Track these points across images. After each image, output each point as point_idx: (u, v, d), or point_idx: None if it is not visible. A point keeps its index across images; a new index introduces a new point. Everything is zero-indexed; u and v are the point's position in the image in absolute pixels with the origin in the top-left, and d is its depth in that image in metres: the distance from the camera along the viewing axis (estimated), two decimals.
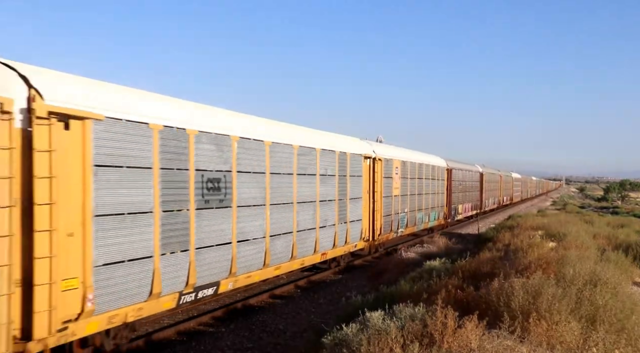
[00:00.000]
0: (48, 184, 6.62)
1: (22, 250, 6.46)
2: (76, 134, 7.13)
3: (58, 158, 6.74)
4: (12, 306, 6.30)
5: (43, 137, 6.62)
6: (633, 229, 22.26)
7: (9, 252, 6.27)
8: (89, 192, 7.30)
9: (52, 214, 6.65)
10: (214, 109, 11.03)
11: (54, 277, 6.65)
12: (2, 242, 6.17)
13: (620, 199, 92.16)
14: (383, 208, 19.38)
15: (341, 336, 6.29)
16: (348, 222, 16.42)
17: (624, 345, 5.92)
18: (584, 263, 9.19)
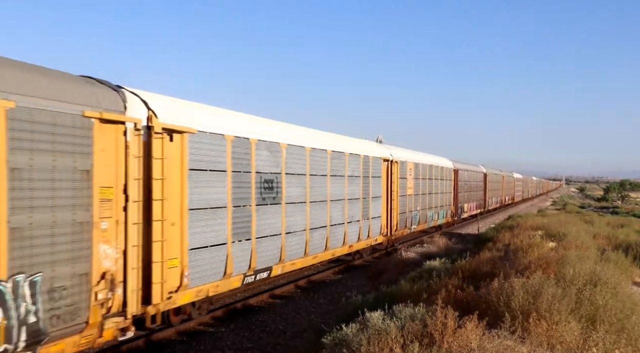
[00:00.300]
0: (161, 184, 8.60)
1: (143, 235, 8.42)
2: (177, 144, 9.11)
3: (167, 164, 8.75)
4: (138, 278, 8.24)
5: (158, 148, 8.60)
6: (633, 229, 22.25)
7: (139, 235, 8.30)
8: (185, 190, 9.32)
9: (163, 208, 8.65)
10: (268, 120, 13.08)
11: (164, 257, 8.64)
12: (134, 228, 8.10)
13: (620, 199, 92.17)
14: (399, 206, 21.23)
15: (341, 336, 6.29)
16: (370, 218, 18.32)
17: (624, 345, 5.92)
18: (584, 263, 9.19)
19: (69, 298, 7.08)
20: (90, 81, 7.95)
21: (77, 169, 7.19)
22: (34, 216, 6.60)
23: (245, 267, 11.15)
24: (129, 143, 7.99)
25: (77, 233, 7.21)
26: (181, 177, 9.23)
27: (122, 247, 7.90)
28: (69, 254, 7.08)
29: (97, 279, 7.49)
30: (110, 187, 7.72)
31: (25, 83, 6.58)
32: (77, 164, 7.17)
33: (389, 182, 20.29)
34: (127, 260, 7.93)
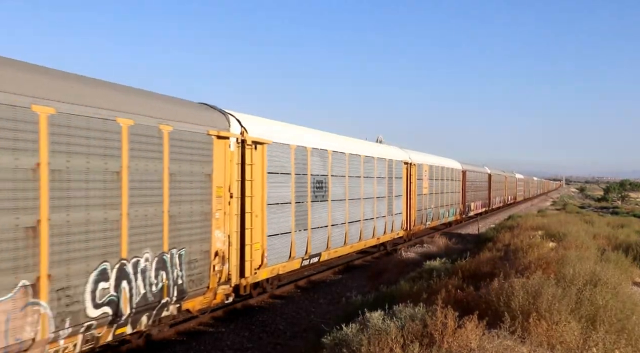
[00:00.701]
0: (250, 184, 11.20)
1: (238, 223, 10.97)
2: (259, 153, 11.62)
3: (254, 168, 11.31)
4: (237, 257, 10.87)
5: (248, 156, 11.16)
6: (633, 229, 22.24)
7: (237, 224, 10.88)
8: (265, 189, 11.83)
9: (252, 203, 11.25)
10: (318, 131, 15.78)
11: (252, 241, 11.29)
12: (235, 218, 10.71)
13: (620, 199, 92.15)
14: (416, 204, 23.73)
15: (341, 336, 6.29)
16: (393, 214, 20.89)
17: (624, 345, 5.92)
18: (584, 263, 9.19)
19: (199, 269, 9.54)
20: (208, 107, 10.61)
21: (204, 173, 9.72)
22: (181, 207, 9.10)
23: (303, 252, 13.75)
24: (232, 153, 10.60)
25: (203, 221, 9.68)
26: (262, 178, 11.75)
27: (228, 232, 10.41)
28: (199, 236, 9.54)
29: (214, 256, 9.96)
30: (221, 186, 10.20)
31: (180, 112, 9.31)
32: (204, 169, 9.73)
33: (408, 183, 22.70)
34: (230, 242, 10.51)
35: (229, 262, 10.42)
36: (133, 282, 8.00)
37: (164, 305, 8.74)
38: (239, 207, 10.92)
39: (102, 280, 7.42)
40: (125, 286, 7.85)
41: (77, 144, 7.07)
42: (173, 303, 8.95)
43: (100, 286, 7.41)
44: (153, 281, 8.41)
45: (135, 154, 8.05)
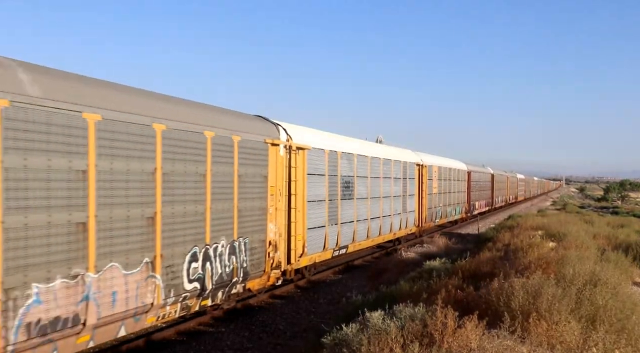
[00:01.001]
0: (294, 184, 13.02)
1: (285, 217, 12.79)
2: (301, 157, 13.50)
3: (297, 170, 13.18)
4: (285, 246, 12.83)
5: (293, 160, 13.01)
6: (633, 229, 22.23)
7: (285, 218, 12.76)
8: (305, 188, 13.72)
9: (295, 200, 13.10)
10: (345, 137, 17.77)
11: (296, 233, 13.18)
12: (282, 213, 12.59)
13: (620, 199, 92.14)
14: (427, 203, 25.60)
15: (341, 336, 6.29)
16: (407, 212, 22.89)
17: (624, 345, 5.92)
18: (583, 263, 9.18)
19: (257, 255, 11.48)
20: (262, 119, 12.61)
21: (262, 175, 11.69)
22: (246, 203, 11.05)
23: (334, 244, 15.66)
24: (281, 157, 12.49)
25: (261, 215, 11.59)
26: (303, 179, 13.60)
27: (278, 225, 12.34)
28: (258, 228, 11.47)
29: (268, 244, 11.88)
30: (273, 186, 12.13)
31: (245, 125, 11.24)
32: (262, 171, 11.70)
33: (420, 183, 24.66)
34: (280, 233, 12.43)
35: (279, 250, 12.45)
36: (213, 263, 9.91)
37: (234, 283, 10.75)
38: (286, 204, 12.83)
39: (193, 261, 9.32)
40: (209, 266, 9.77)
41: (179, 152, 9.04)
42: (240, 283, 11.03)
43: (192, 265, 9.30)
44: (227, 263, 10.36)
45: (216, 159, 9.99)
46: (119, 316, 7.75)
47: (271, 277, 12.16)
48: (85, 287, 7.14)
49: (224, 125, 10.34)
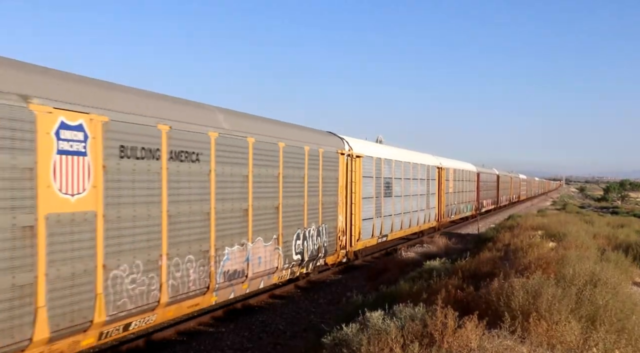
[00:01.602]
0: (354, 185, 16.65)
1: (346, 211, 16.36)
2: (357, 163, 16.99)
3: (355, 174, 16.73)
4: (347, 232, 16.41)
5: (352, 165, 16.53)
6: (633, 229, 22.21)
7: (347, 210, 16.39)
8: (360, 187, 17.24)
9: (355, 197, 16.70)
10: (386, 146, 22.26)
11: (355, 222, 16.85)
12: (345, 206, 16.14)
13: (620, 199, 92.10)
14: (445, 201, 29.47)
15: (341, 336, 6.28)
16: (430, 208, 26.79)
17: (624, 345, 5.91)
18: (583, 263, 9.17)
19: (332, 238, 15.26)
20: (333, 134, 16.31)
21: (335, 177, 15.48)
22: (326, 198, 14.71)
23: (378, 233, 19.56)
24: (346, 163, 16.22)
25: (334, 208, 15.50)
26: (359, 180, 17.25)
27: (344, 216, 16.14)
28: (332, 217, 15.37)
29: (338, 230, 15.75)
30: (342, 186, 15.90)
31: (325, 140, 15.12)
32: (335, 174, 15.47)
33: (439, 183, 28.47)
34: (345, 222, 16.26)
35: (345, 236, 16.28)
36: (308, 242, 13.75)
37: (319, 257, 14.73)
38: (349, 199, 16.61)
39: (298, 239, 13.23)
40: (306, 244, 13.65)
41: (291, 162, 12.94)
42: (322, 258, 14.95)
43: (297, 242, 13.19)
44: (315, 242, 14.22)
45: (310, 166, 13.88)
46: (261, 273, 11.66)
47: (340, 255, 16.24)
48: (247, 252, 10.97)
49: (314, 141, 14.37)
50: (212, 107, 10.66)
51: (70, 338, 7.01)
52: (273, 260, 12.00)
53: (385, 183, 20.06)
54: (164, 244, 8.60)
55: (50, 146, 6.74)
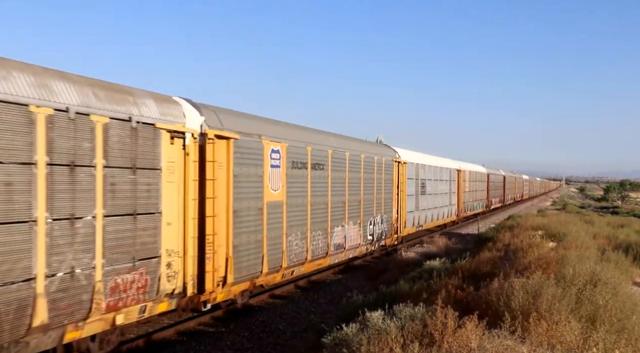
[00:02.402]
0: (402, 185, 21.59)
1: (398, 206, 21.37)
2: (403, 168, 21.81)
3: (402, 177, 21.62)
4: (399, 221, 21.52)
5: (401, 170, 21.65)
6: (633, 229, 22.22)
7: (398, 204, 21.32)
8: (406, 187, 21.99)
9: (403, 194, 21.65)
10: (422, 154, 26.46)
11: (404, 214, 22.00)
12: (398, 201, 21.55)
13: (620, 199, 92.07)
14: (463, 198, 34.30)
15: (341, 336, 6.29)
16: (451, 205, 31.67)
17: (624, 345, 5.91)
18: (584, 263, 9.18)
19: (389, 225, 20.12)
20: (388, 146, 21.45)
21: (391, 179, 20.34)
22: (385, 195, 19.60)
23: (417, 223, 24.20)
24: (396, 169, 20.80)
25: (391, 202, 20.17)
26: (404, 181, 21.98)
27: (397, 208, 20.65)
28: (389, 209, 20.06)
29: (393, 219, 20.43)
30: (396, 185, 20.80)
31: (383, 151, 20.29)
32: (391, 177, 20.28)
33: (458, 184, 33.15)
34: (398, 213, 20.70)
35: (397, 224, 20.99)
36: (376, 227, 18.71)
37: (381, 239, 19.51)
38: (398, 196, 21.25)
39: (370, 225, 18.07)
40: (375, 228, 18.58)
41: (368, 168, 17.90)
42: (383, 240, 19.63)
43: (370, 227, 17.98)
44: (380, 228, 19.16)
45: (377, 171, 18.72)
46: (351, 247, 16.66)
47: (394, 238, 20.89)
48: (345, 232, 16.00)
49: (380, 152, 19.77)
50: (328, 133, 16.32)
51: (273, 275, 12.30)
52: (357, 239, 17.20)
53: (421, 184, 24.94)
54: (309, 223, 13.82)
55: (267, 162, 11.84)
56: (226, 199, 10.37)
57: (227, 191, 10.40)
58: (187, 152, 9.38)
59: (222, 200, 10.25)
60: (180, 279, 9.15)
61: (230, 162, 10.51)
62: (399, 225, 21.32)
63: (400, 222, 21.50)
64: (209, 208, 9.78)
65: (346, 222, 16.05)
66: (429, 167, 26.29)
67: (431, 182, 26.59)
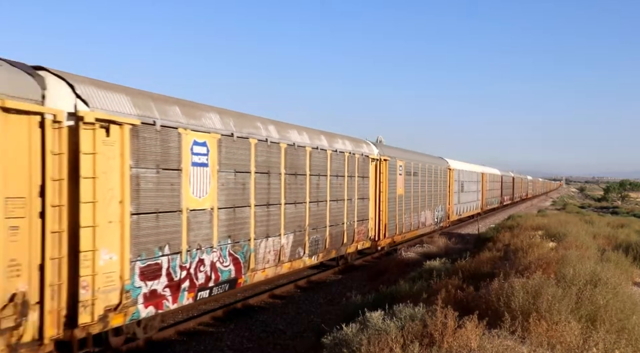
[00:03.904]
0: (450, 186, 31.73)
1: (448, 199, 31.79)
2: (452, 172, 32.03)
3: (451, 178, 31.85)
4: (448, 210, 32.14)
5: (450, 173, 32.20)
6: (633, 229, 22.20)
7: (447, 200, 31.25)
8: (453, 186, 31.79)
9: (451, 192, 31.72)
10: (462, 162, 36.65)
11: (450, 206, 32.20)
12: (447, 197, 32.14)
13: (620, 199, 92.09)
14: (485, 195, 43.30)
15: (341, 336, 6.29)
16: (477, 200, 40.16)
17: (624, 345, 5.91)
18: (584, 263, 9.17)
19: (444, 213, 30.20)
20: (440, 158, 31.60)
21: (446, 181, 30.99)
22: (439, 191, 29.24)
23: (458, 213, 33.47)
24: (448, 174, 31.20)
25: (444, 198, 30.22)
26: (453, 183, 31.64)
27: (448, 201, 30.88)
28: (443, 201, 30.00)
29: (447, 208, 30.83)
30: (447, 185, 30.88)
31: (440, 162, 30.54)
32: (445, 179, 31.30)
33: (482, 184, 41.70)
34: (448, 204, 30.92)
35: (448, 212, 30.09)
36: (439, 213, 28.56)
37: (440, 222, 28.77)
38: (449, 193, 30.43)
39: (436, 211, 27.79)
40: (437, 214, 28.30)
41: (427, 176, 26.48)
42: (441, 222, 28.95)
43: (435, 213, 27.76)
44: (440, 214, 28.85)
45: (441, 176, 29.02)
46: (427, 225, 26.19)
47: (446, 222, 29.82)
48: (425, 215, 25.72)
49: (440, 163, 28.75)
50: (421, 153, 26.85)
51: (400, 235, 21.78)
52: (430, 220, 26.61)
53: (461, 184, 33.77)
54: (411, 208, 23.11)
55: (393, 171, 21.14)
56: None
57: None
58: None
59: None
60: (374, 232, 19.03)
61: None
62: (450, 213, 31.18)
63: (449, 211, 31.01)
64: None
65: (425, 209, 25.65)
66: (465, 171, 35.54)
67: (466, 183, 35.83)
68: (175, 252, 9.16)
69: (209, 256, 10.12)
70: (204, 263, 9.98)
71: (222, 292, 10.87)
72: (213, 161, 10.15)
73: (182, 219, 9.26)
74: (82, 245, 7.31)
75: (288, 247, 13.11)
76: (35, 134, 6.80)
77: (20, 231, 6.61)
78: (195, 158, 9.67)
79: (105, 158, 7.67)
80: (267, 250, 12.17)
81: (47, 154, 6.89)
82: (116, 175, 7.90)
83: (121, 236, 7.94)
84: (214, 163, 10.20)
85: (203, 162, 9.91)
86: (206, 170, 9.97)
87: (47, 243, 6.89)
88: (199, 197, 9.76)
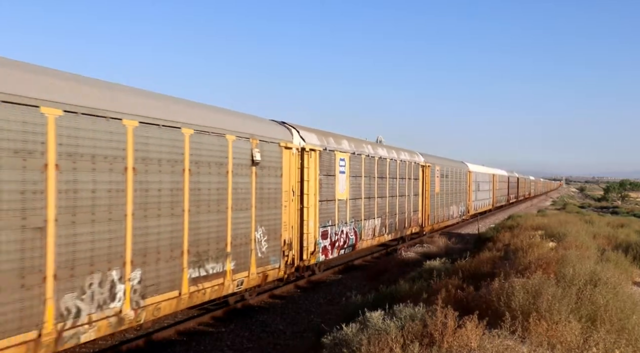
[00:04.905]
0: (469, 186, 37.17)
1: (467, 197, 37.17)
2: (471, 175, 37.64)
3: (470, 180, 37.33)
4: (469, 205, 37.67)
5: (469, 176, 37.08)
6: (633, 229, 22.18)
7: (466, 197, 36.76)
8: (472, 186, 37.72)
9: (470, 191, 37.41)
10: (478, 165, 43.54)
11: (470, 203, 37.85)
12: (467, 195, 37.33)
13: (620, 199, 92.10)
14: (495, 194, 48.99)
15: (341, 336, 6.28)
16: (489, 198, 45.72)
17: (625, 345, 5.91)
18: (583, 263, 9.17)
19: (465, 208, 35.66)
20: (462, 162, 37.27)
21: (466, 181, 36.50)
22: (458, 188, 33.70)
23: (475, 208, 39.01)
24: (467, 176, 36.57)
25: (466, 195, 35.99)
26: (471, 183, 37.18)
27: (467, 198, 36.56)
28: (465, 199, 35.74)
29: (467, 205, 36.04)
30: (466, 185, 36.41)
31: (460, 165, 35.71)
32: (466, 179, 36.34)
33: (493, 184, 46.99)
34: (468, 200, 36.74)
35: (467, 207, 35.08)
36: (461, 208, 33.79)
37: (462, 216, 34.23)
38: (470, 192, 36.37)
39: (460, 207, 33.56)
40: (461, 209, 33.74)
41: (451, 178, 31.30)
42: (463, 216, 34.36)
43: (459, 208, 33.27)
44: (462, 209, 33.93)
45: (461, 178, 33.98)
46: (454, 217, 32.02)
47: (467, 215, 35.50)
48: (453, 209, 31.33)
49: (462, 167, 34.22)
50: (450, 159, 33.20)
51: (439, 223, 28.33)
52: (456, 213, 31.28)
53: (476, 184, 39.04)
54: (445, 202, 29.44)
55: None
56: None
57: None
58: None
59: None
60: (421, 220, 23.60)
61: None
62: (469, 208, 36.04)
63: (469, 207, 35.70)
64: None
65: (453, 204, 30.75)
66: (480, 173, 40.86)
67: (481, 183, 41.25)
68: (332, 224, 15.48)
69: (345, 228, 16.52)
70: (343, 232, 16.38)
71: (348, 252, 17.18)
72: (347, 170, 16.37)
73: (335, 205, 15.61)
74: (304, 217, 13.81)
75: (378, 226, 19.53)
76: (292, 158, 13.13)
77: (288, 208, 12.95)
78: (340, 168, 15.83)
79: (311, 170, 14.03)
80: (369, 227, 18.59)
81: (294, 168, 13.36)
82: (313, 179, 14.29)
83: (315, 213, 14.33)
84: (347, 171, 16.45)
85: (342, 171, 16.13)
86: (344, 176, 16.12)
87: (296, 215, 13.48)
88: (342, 192, 15.99)
